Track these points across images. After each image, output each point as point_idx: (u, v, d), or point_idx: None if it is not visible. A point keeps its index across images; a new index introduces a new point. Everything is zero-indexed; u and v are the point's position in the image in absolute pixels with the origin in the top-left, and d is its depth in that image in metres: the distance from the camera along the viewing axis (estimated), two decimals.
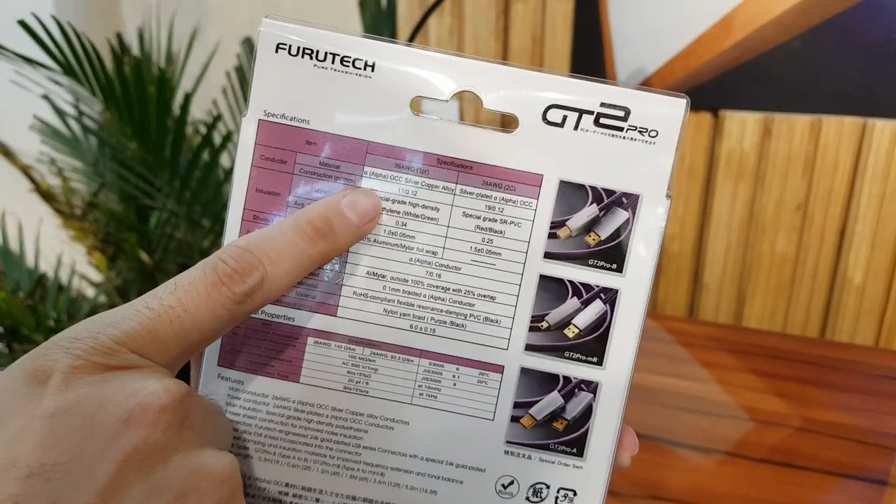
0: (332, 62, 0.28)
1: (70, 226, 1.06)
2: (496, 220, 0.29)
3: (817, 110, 0.75)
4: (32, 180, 1.07)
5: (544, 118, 0.28)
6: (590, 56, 0.83)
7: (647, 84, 0.80)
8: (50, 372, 0.22)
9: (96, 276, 1.13)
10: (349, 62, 0.28)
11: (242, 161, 0.28)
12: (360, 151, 0.28)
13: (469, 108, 0.83)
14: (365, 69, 0.28)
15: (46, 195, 1.07)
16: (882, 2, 0.69)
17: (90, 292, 1.11)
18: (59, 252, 1.02)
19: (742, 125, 0.78)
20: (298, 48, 0.28)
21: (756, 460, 0.58)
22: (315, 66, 0.28)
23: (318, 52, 0.28)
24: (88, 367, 0.22)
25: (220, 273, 0.24)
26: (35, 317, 0.88)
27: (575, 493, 0.30)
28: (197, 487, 0.22)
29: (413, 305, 0.29)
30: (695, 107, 0.79)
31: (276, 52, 0.28)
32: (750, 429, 0.61)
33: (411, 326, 0.29)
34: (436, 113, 0.29)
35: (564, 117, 0.28)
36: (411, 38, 0.88)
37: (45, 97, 0.98)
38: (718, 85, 0.78)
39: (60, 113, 1.02)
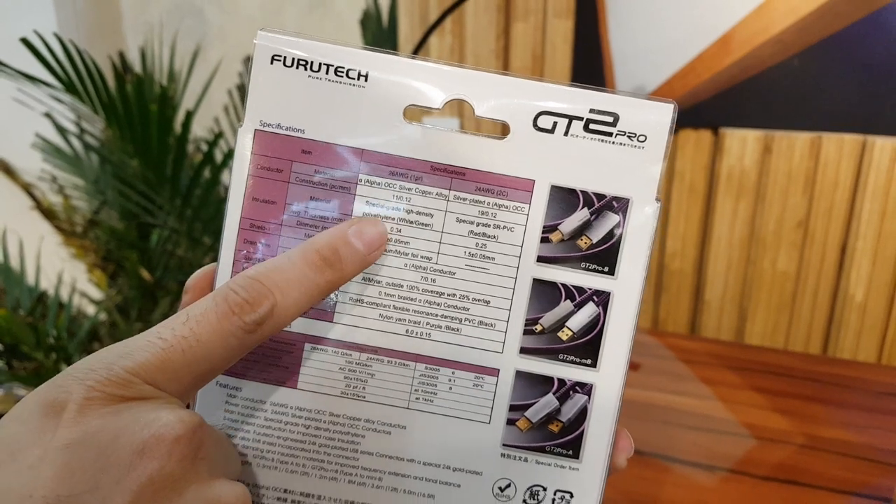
0: (327, 73, 0.28)
1: (71, 243, 1.07)
2: (489, 226, 0.29)
3: (817, 128, 0.75)
4: (34, 198, 1.08)
5: (535, 125, 0.28)
6: (590, 74, 0.83)
7: None
8: (65, 403, 0.22)
9: (97, 294, 1.13)
10: (343, 72, 0.28)
11: (239, 171, 0.29)
12: (354, 160, 0.28)
13: (469, 123, 0.83)
14: (358, 79, 0.28)
15: (47, 213, 1.07)
16: (880, 20, 0.69)
17: (91, 310, 1.11)
18: (60, 270, 1.02)
19: (742, 143, 0.78)
20: (293, 59, 0.28)
21: (759, 478, 0.57)
22: (309, 76, 0.28)
23: (312, 63, 0.28)
24: (103, 399, 0.22)
25: (231, 303, 0.25)
26: (35, 334, 0.88)
27: (572, 495, 0.30)
28: None
29: (408, 310, 0.29)
30: (695, 124, 0.80)
31: (272, 63, 0.28)
32: (752, 446, 0.61)
33: (407, 331, 0.29)
34: (436, 125, 0.29)
35: (555, 123, 0.28)
36: None
37: (47, 115, 0.99)
38: (718, 103, 0.78)
39: (62, 131, 1.03)
